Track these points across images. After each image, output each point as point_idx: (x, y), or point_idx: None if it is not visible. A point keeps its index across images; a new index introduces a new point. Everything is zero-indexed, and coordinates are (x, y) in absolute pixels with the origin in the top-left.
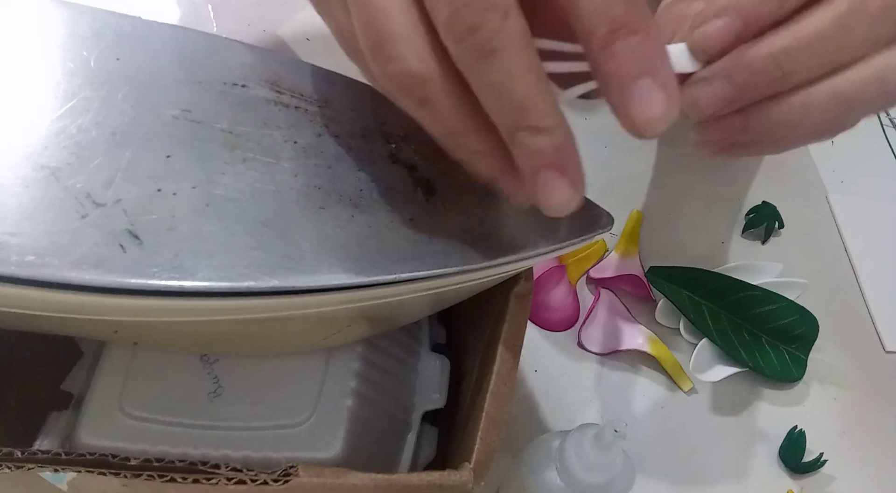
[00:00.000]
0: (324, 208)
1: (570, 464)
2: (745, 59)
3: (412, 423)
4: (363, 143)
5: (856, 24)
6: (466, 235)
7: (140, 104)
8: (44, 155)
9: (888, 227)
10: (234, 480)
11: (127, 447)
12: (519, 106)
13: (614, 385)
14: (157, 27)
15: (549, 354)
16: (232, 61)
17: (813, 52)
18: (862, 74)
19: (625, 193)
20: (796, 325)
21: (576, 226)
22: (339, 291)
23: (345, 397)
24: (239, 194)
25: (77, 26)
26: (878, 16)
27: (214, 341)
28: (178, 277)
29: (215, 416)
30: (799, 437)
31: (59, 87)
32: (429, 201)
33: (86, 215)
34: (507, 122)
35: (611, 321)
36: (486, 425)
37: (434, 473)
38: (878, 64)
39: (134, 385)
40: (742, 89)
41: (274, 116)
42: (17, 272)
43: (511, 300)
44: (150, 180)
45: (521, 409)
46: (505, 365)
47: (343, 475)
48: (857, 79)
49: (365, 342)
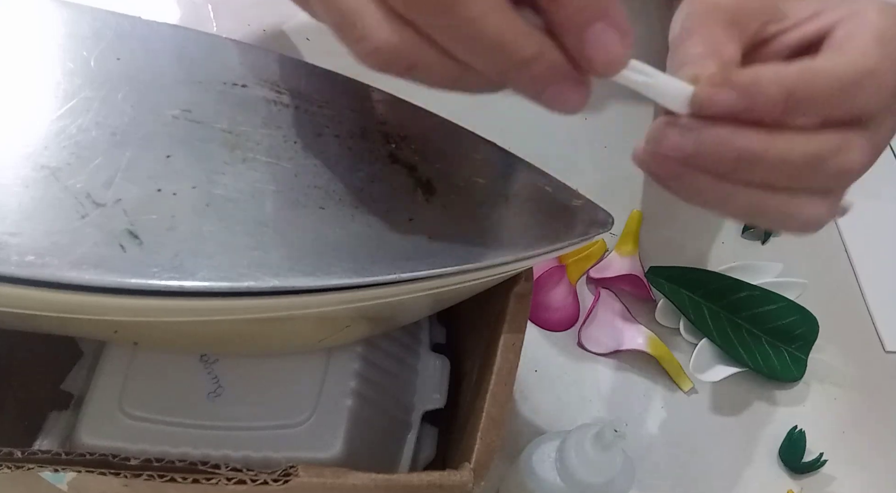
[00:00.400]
0: (324, 208)
1: (570, 464)
2: (722, 139)
3: (412, 423)
4: (363, 143)
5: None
6: (466, 236)
7: (140, 104)
8: (44, 155)
9: (888, 227)
10: (234, 480)
11: (127, 447)
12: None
13: (614, 385)
14: (157, 27)
15: (549, 354)
16: (232, 61)
17: (778, 168)
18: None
19: (625, 193)
20: (796, 325)
21: (576, 226)
22: (339, 291)
23: (345, 397)
24: (239, 194)
25: (77, 26)
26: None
27: (214, 341)
28: (178, 277)
29: (215, 416)
30: (799, 437)
31: (59, 87)
32: (429, 201)
33: (86, 215)
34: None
35: (611, 321)
36: (486, 425)
37: (434, 473)
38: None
39: (134, 385)
40: (704, 158)
41: (274, 116)
42: (17, 272)
43: (511, 300)
44: (150, 180)
45: (521, 409)
46: (505, 365)
47: (343, 475)
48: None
49: (365, 342)
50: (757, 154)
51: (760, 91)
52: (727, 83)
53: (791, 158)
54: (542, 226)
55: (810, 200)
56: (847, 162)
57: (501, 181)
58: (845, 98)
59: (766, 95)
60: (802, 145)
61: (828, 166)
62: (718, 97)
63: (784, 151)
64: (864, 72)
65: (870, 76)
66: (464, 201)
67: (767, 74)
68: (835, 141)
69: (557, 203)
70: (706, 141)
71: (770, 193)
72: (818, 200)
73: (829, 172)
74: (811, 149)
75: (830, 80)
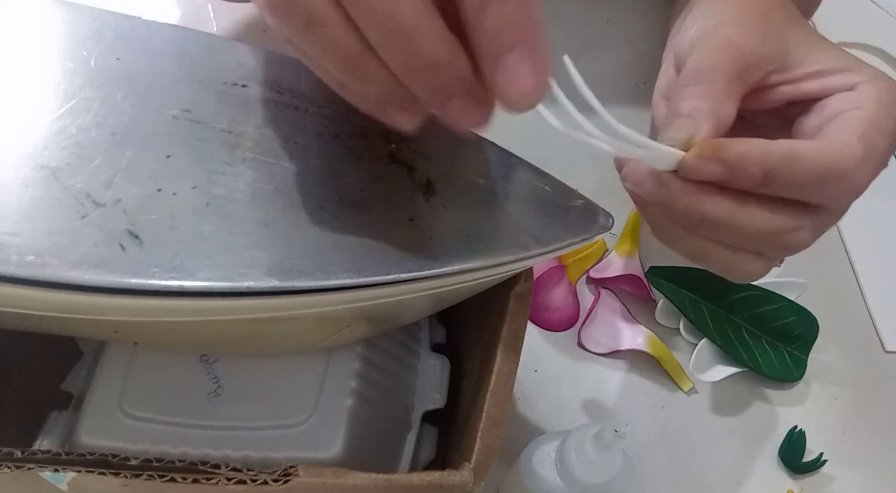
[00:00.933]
0: (324, 208)
1: (570, 464)
2: (694, 202)
3: (412, 423)
4: (363, 143)
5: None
6: (466, 235)
7: (140, 104)
8: (44, 155)
9: (888, 227)
10: (234, 480)
11: (127, 447)
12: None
13: (614, 385)
14: (157, 27)
15: (549, 354)
16: (232, 61)
17: (734, 234)
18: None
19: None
20: (796, 325)
21: (576, 226)
22: (339, 291)
23: (345, 397)
24: (239, 194)
25: (77, 26)
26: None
27: (214, 341)
28: (178, 277)
29: (215, 416)
30: (799, 437)
31: (59, 87)
32: (429, 201)
33: (86, 215)
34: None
35: (611, 321)
36: (486, 425)
37: (434, 473)
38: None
39: (134, 385)
40: (671, 212)
41: (274, 116)
42: (17, 272)
43: (511, 300)
44: (150, 180)
45: (521, 409)
46: (505, 365)
47: (343, 475)
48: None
49: (365, 342)
50: (720, 221)
51: (743, 168)
52: (716, 157)
53: (748, 229)
54: (542, 226)
55: (751, 258)
56: (794, 241)
57: (501, 181)
58: (816, 189)
59: (748, 172)
60: (761, 220)
61: (777, 241)
62: (705, 168)
63: (744, 222)
64: (840, 173)
65: (844, 179)
66: (464, 201)
67: (754, 154)
68: (790, 222)
69: (557, 203)
70: (679, 200)
71: (718, 247)
72: (758, 259)
73: (777, 245)
74: (767, 225)
75: (808, 171)
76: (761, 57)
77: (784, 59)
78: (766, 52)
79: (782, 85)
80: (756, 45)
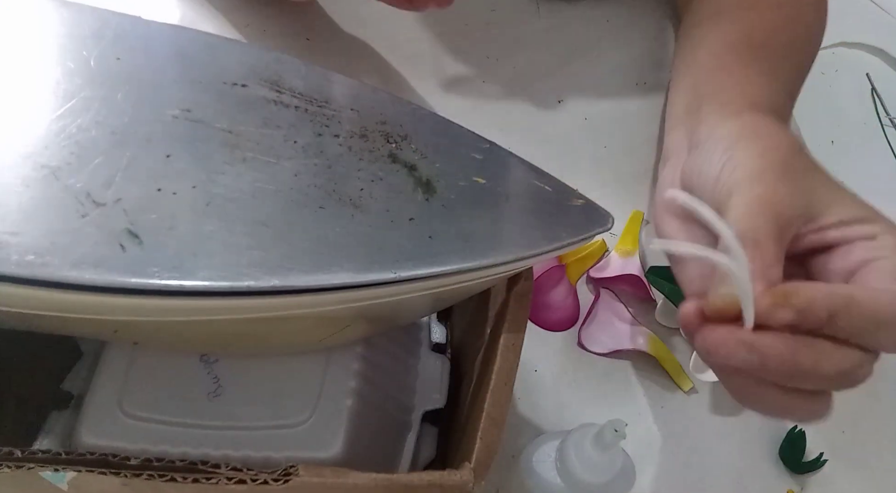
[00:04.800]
0: (324, 208)
1: (570, 464)
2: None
3: (412, 423)
4: (363, 143)
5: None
6: (466, 236)
7: (140, 104)
8: (44, 155)
9: None
10: (234, 479)
11: (127, 447)
12: None
13: (614, 385)
14: (157, 27)
15: (549, 354)
16: (232, 61)
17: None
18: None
19: (625, 193)
20: None
21: (576, 226)
22: (339, 291)
23: (345, 397)
24: (239, 194)
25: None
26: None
27: (214, 341)
28: (178, 276)
29: (215, 416)
30: (799, 437)
31: (59, 86)
32: (429, 201)
33: (86, 215)
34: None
35: (611, 321)
36: (486, 425)
37: (434, 473)
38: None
39: (134, 385)
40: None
41: (274, 116)
42: (17, 272)
43: (511, 300)
44: (150, 180)
45: (521, 409)
46: (505, 365)
47: (343, 475)
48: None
49: (365, 342)
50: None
51: (813, 311)
52: (788, 304)
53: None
54: (542, 226)
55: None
56: (861, 376)
57: (501, 181)
58: (875, 331)
59: (816, 315)
60: (839, 361)
61: (849, 379)
62: (779, 315)
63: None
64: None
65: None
66: (464, 201)
67: (821, 298)
68: (857, 358)
69: (557, 203)
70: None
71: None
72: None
73: (847, 382)
74: (843, 365)
75: (867, 314)
76: (795, 215)
77: (810, 211)
78: (798, 209)
79: (808, 235)
80: (788, 205)
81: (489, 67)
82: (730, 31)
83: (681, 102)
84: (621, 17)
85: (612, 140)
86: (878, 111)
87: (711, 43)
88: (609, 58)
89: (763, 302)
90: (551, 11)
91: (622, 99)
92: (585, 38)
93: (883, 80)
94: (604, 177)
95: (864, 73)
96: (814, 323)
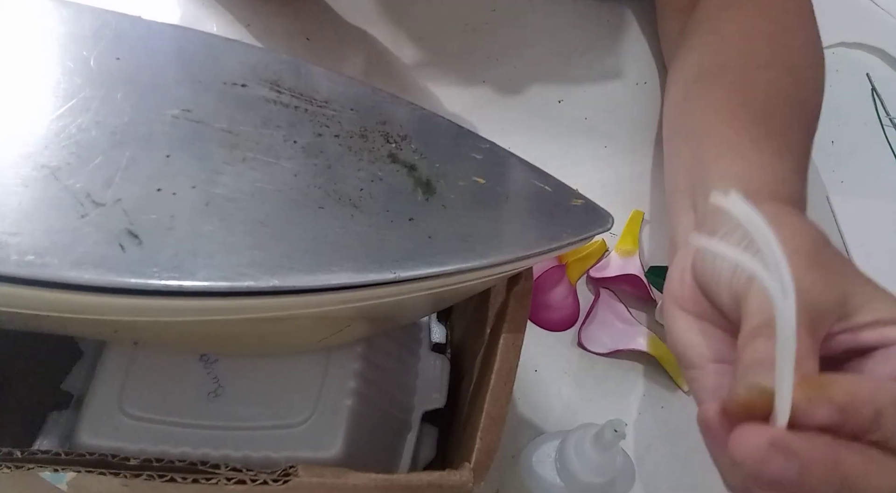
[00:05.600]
0: (324, 208)
1: (570, 464)
2: (828, 465)
3: (412, 423)
4: (363, 143)
5: None
6: (466, 235)
7: (140, 104)
8: (44, 155)
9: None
10: (233, 480)
11: (127, 447)
12: None
13: (614, 385)
14: (157, 27)
15: (549, 354)
16: (232, 61)
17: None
18: None
19: (625, 193)
20: None
21: (576, 226)
22: (339, 291)
23: (345, 397)
24: (239, 194)
25: (77, 26)
26: None
27: (214, 341)
28: (178, 276)
29: (215, 416)
30: None
31: (59, 86)
32: (429, 201)
33: (86, 215)
34: None
35: (611, 321)
36: (486, 425)
37: (434, 473)
38: None
39: (134, 385)
40: (805, 485)
41: (274, 115)
42: (17, 272)
43: (511, 300)
44: (150, 180)
45: (521, 409)
46: (505, 365)
47: (343, 475)
48: None
49: (365, 342)
50: (854, 484)
51: (856, 407)
52: (826, 397)
53: (880, 488)
54: (542, 226)
55: None
56: None
57: (501, 181)
58: None
59: (861, 412)
60: (893, 472)
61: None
62: (818, 411)
63: (880, 480)
64: None
65: None
66: (464, 201)
67: (863, 393)
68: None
69: (557, 203)
70: (812, 467)
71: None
72: None
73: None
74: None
75: None
76: (827, 309)
77: (843, 307)
78: (829, 304)
79: (842, 334)
80: (820, 295)
81: (489, 67)
82: (730, 94)
83: (683, 175)
84: (621, 17)
85: (612, 140)
86: (878, 111)
87: (712, 105)
88: (609, 58)
89: (796, 395)
90: (551, 11)
91: (622, 99)
92: (585, 38)
93: (883, 80)
94: (604, 177)
95: (864, 73)
96: (857, 423)
